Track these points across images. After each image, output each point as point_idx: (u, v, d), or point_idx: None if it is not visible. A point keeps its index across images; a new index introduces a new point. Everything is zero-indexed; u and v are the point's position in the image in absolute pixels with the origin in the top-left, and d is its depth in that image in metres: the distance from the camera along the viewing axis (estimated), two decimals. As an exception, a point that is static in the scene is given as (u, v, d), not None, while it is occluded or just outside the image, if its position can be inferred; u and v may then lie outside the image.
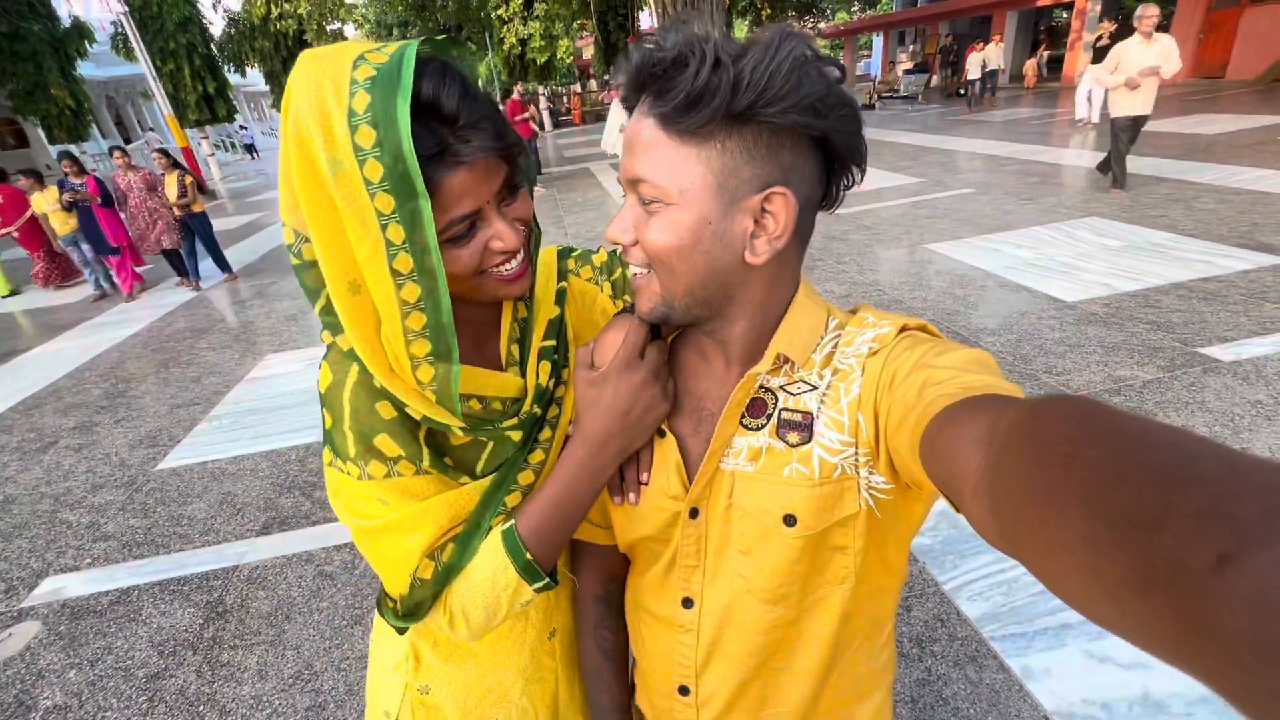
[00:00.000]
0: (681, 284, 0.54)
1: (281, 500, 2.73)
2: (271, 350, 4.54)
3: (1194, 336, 3.17)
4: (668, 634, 0.67)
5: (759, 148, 0.49)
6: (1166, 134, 8.46)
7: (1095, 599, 0.23)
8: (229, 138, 28.25)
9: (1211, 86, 12.48)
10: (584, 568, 0.78)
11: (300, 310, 5.40)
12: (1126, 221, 5.04)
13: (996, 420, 0.35)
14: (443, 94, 0.52)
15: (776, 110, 0.46)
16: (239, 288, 6.57)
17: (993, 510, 0.31)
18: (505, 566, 0.60)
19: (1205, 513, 0.20)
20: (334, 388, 0.60)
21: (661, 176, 0.50)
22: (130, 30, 12.60)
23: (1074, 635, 1.71)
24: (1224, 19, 13.18)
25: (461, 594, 0.61)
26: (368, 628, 2.01)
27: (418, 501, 0.60)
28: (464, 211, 0.55)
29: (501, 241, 0.58)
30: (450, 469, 0.64)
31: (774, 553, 0.58)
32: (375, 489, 0.59)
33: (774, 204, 0.51)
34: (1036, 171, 7.27)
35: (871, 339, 0.54)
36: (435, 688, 0.75)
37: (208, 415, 3.63)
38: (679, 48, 0.47)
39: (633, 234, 0.54)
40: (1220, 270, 3.91)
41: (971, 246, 4.94)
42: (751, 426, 0.58)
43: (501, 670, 0.76)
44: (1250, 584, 0.18)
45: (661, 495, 0.63)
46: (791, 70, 0.46)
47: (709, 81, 0.46)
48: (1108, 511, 0.23)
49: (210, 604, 2.20)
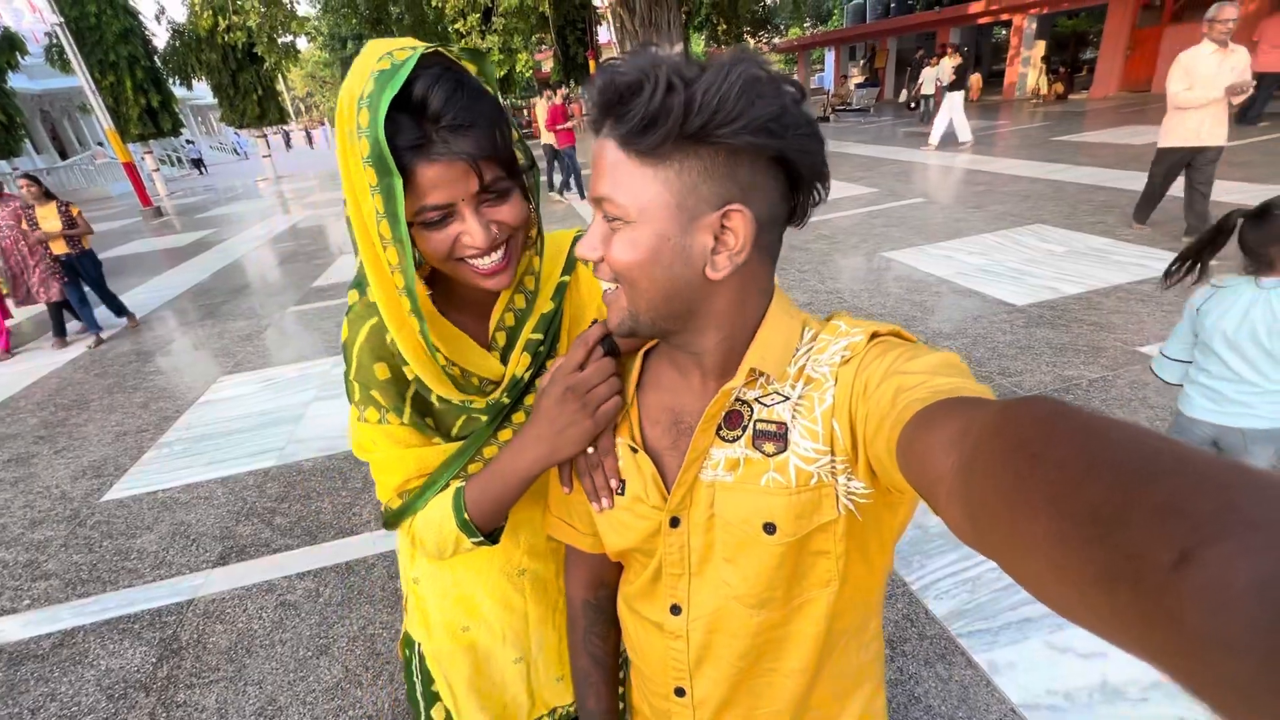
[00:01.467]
0: (645, 298, 0.56)
1: (239, 529, 2.63)
2: (225, 372, 4.37)
3: (1134, 336, 3.35)
4: (659, 639, 0.68)
5: (716, 167, 0.51)
6: (1101, 144, 8.94)
7: (1065, 595, 0.24)
8: (174, 152, 27.25)
9: (1139, 100, 13.26)
10: (573, 575, 0.79)
11: (255, 329, 5.22)
12: (1068, 228, 5.29)
13: (968, 423, 0.36)
14: (431, 94, 0.58)
15: (729, 131, 0.48)
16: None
17: (966, 511, 0.32)
18: (448, 518, 0.71)
19: (1164, 509, 0.20)
20: (349, 342, 0.71)
21: (622, 195, 0.52)
22: (66, 41, 12.07)
23: (1035, 628, 1.77)
24: (1147, 37, 14.04)
25: (420, 526, 0.73)
26: (334, 658, 1.95)
27: (398, 448, 0.72)
28: (436, 202, 0.61)
29: (470, 238, 0.64)
30: (429, 428, 0.74)
31: (756, 559, 0.59)
32: (369, 431, 0.72)
33: (732, 221, 0.52)
34: (982, 181, 7.58)
35: (844, 347, 0.56)
36: (423, 580, 0.89)
37: (156, 442, 3.48)
38: (636, 72, 0.49)
39: (600, 250, 0.56)
40: (1154, 273, 4.13)
41: (926, 254, 5.11)
42: (728, 438, 0.59)
43: (475, 585, 0.87)
44: (1207, 578, 0.18)
45: (641, 506, 0.64)
46: (742, 92, 0.47)
47: (663, 104, 0.48)
48: (1074, 509, 0.23)
49: (164, 641, 2.09)
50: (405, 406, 0.72)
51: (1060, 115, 12.72)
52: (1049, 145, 9.44)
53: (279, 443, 3.30)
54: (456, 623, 0.88)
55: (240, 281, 7.06)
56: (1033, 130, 11.29)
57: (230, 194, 16.99)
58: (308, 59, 34.01)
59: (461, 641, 0.88)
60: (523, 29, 17.76)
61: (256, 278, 7.20)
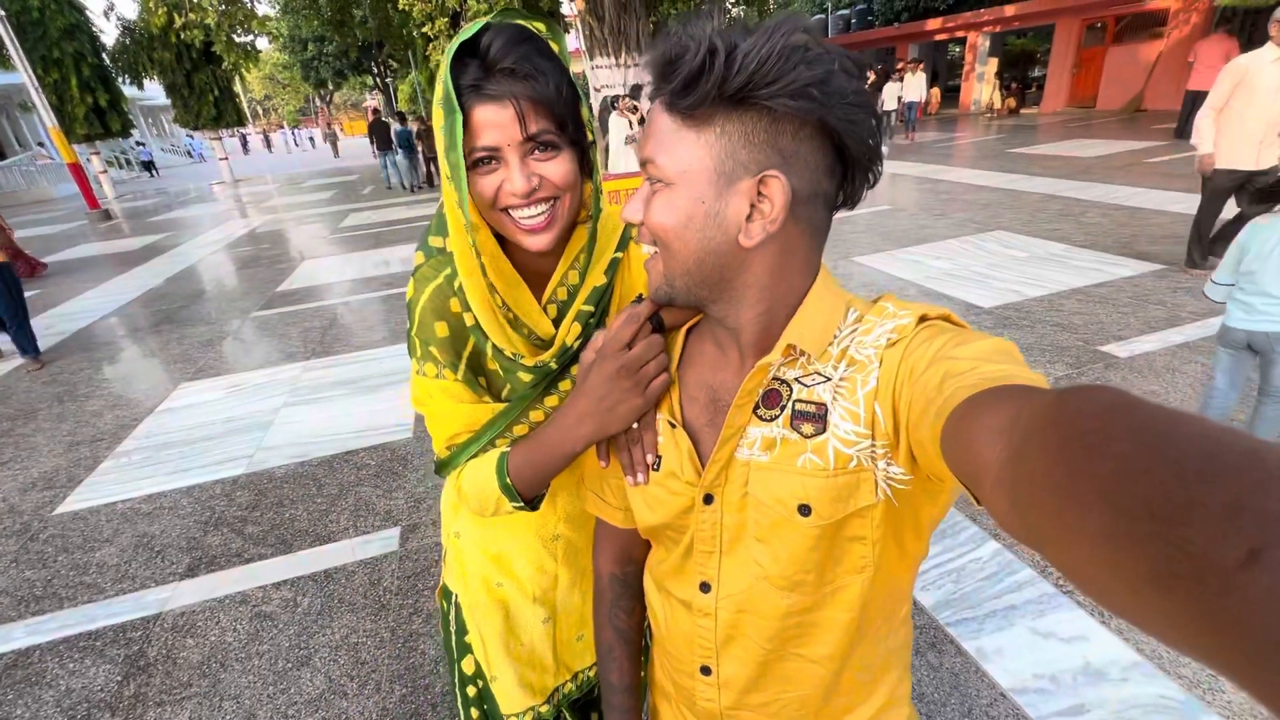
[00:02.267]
0: (679, 262, 0.56)
1: (208, 539, 2.51)
2: (186, 379, 4.20)
3: (1094, 336, 3.50)
4: (687, 616, 0.67)
5: (757, 133, 0.51)
6: (1054, 156, 9.35)
7: (1116, 591, 0.23)
8: (123, 154, 26.13)
9: (1086, 115, 13.94)
10: (602, 548, 0.79)
11: (216, 335, 5.03)
12: (1027, 235, 5.51)
13: (1018, 410, 0.35)
14: (493, 44, 0.64)
15: (768, 93, 0.48)
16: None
17: (1013, 501, 0.31)
18: (491, 479, 0.74)
19: (1232, 507, 0.19)
20: (413, 300, 0.75)
21: (664, 158, 0.53)
22: (7, 36, 11.48)
23: (1020, 615, 1.82)
24: (1092, 56, 14.79)
25: (467, 481, 0.77)
26: (316, 669, 1.88)
27: (450, 401, 0.76)
28: (486, 143, 0.65)
29: (510, 185, 0.67)
30: (481, 387, 0.78)
31: (789, 541, 0.58)
32: (426, 385, 0.76)
33: (769, 188, 0.52)
34: (945, 190, 7.85)
35: (891, 330, 0.55)
36: (463, 535, 0.93)
37: (113, 452, 3.31)
38: (683, 37, 0.50)
39: (640, 213, 0.57)
40: (1109, 277, 4.34)
41: (894, 259, 5.25)
42: (766, 417, 0.59)
43: (511, 544, 0.91)
44: (1277, 580, 0.17)
45: (676, 482, 0.64)
46: (783, 54, 0.47)
47: (703, 65, 0.48)
48: (1130, 505, 0.22)
49: (129, 658, 1.98)
50: (461, 364, 0.76)
51: (1014, 129, 13.27)
52: (1005, 157, 9.84)
53: (247, 450, 3.17)
54: (491, 578, 0.92)
55: (197, 287, 6.80)
56: (989, 142, 11.75)
57: (183, 198, 16.37)
58: (266, 61, 33.02)
59: (495, 595, 0.93)
60: (490, 35, 17.59)
61: (215, 283, 6.94)
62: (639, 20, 12.06)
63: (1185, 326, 3.50)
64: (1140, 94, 13.38)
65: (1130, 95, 13.62)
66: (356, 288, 6.01)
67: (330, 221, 10.25)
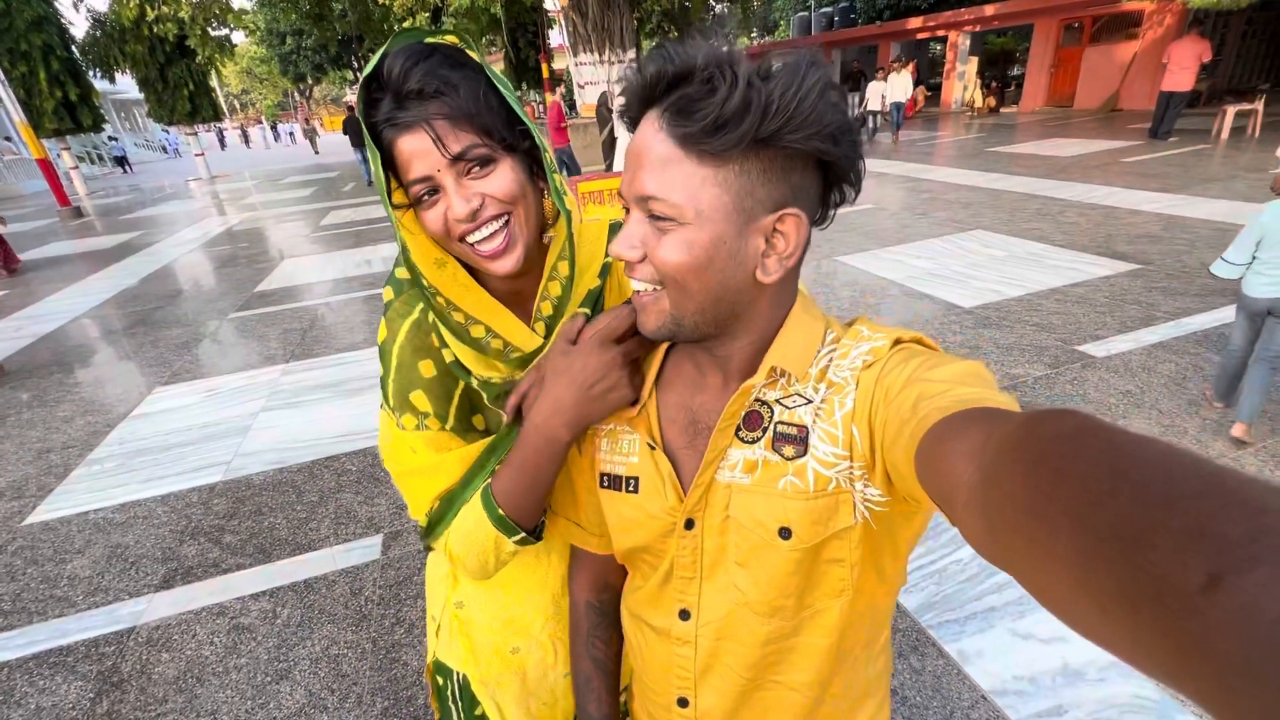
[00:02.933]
0: (694, 302, 0.54)
1: (184, 549, 2.46)
2: (161, 383, 4.11)
3: (1072, 336, 3.55)
4: (665, 646, 0.66)
5: (774, 170, 0.50)
6: (1033, 155, 9.47)
7: (1084, 612, 0.23)
8: (95, 149, 25.49)
9: (1064, 114, 14.13)
10: (578, 576, 0.78)
11: (191, 337, 4.93)
12: (1007, 234, 5.58)
13: (989, 433, 0.35)
14: (393, 69, 0.59)
15: (801, 137, 0.47)
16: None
17: (985, 523, 0.31)
18: (483, 519, 0.67)
19: (1193, 531, 0.20)
20: (386, 343, 0.69)
21: (677, 195, 0.50)
22: (-30, 28, 11.14)
23: (1000, 617, 1.85)
24: (1070, 56, 14.99)
25: (455, 542, 0.69)
26: (296, 682, 1.85)
27: (437, 453, 0.69)
28: (417, 175, 0.62)
29: (451, 212, 0.63)
30: (477, 433, 0.72)
31: (770, 565, 0.58)
32: (407, 438, 0.68)
33: (786, 224, 0.52)
34: (927, 189, 7.92)
35: (866, 352, 0.55)
36: (468, 604, 0.85)
37: (85, 459, 3.23)
38: (707, 67, 0.47)
39: (640, 250, 0.54)
40: (1087, 276, 4.40)
41: (877, 258, 5.29)
42: (748, 439, 0.59)
43: (525, 605, 0.83)
44: (1238, 605, 0.18)
45: (656, 505, 0.63)
46: (818, 98, 0.47)
47: (740, 105, 0.46)
48: (1096, 526, 0.23)
49: (102, 674, 1.93)
50: (450, 409, 0.69)
51: (994, 127, 13.42)
52: (985, 155, 9.94)
53: (224, 456, 3.11)
54: (506, 645, 0.84)
55: (173, 287, 6.65)
56: (970, 141, 11.87)
57: (159, 194, 16.02)
58: (243, 54, 32.34)
59: (511, 664, 0.85)
60: (473, 30, 17.49)
61: (191, 283, 6.80)
62: (622, 16, 12.00)
63: (1160, 326, 3.56)
64: (1116, 93, 13.59)
65: (1107, 95, 13.84)
66: (338, 288, 5.93)
67: (310, 219, 10.09)
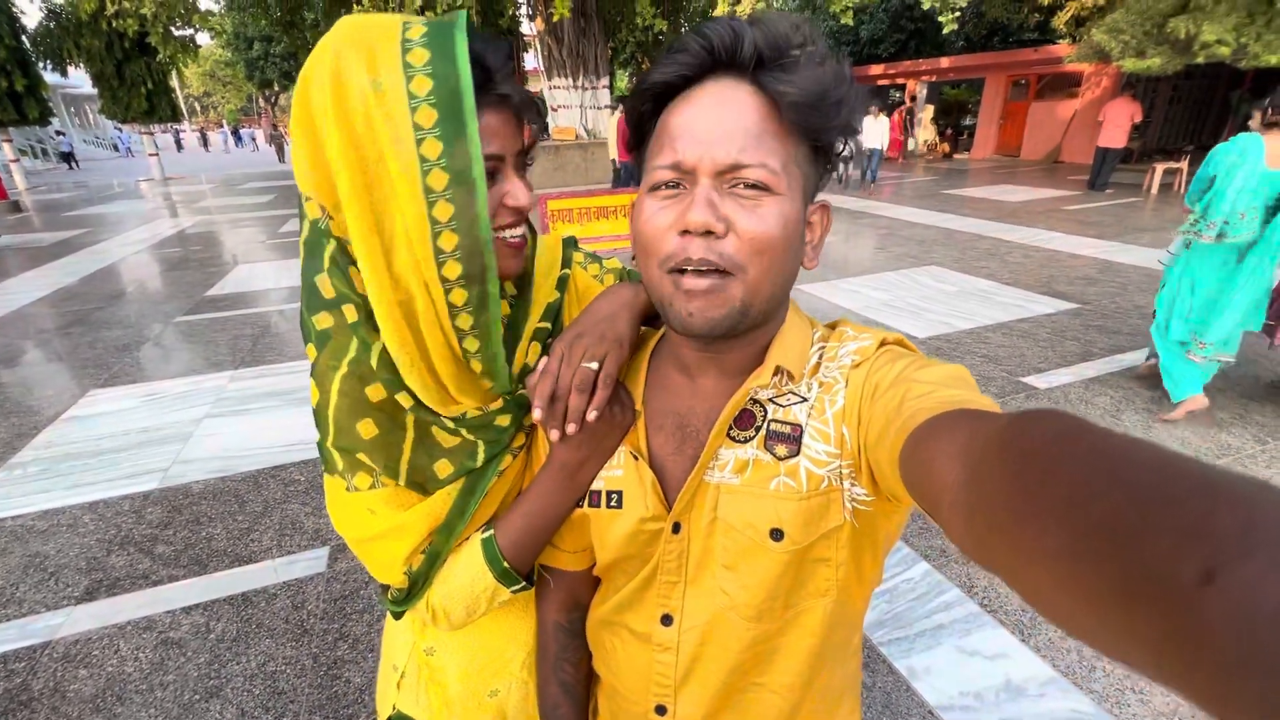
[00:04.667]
0: (772, 283, 0.52)
1: (111, 560, 2.31)
2: (97, 385, 3.89)
3: (1017, 368, 3.72)
4: (644, 652, 0.64)
5: (807, 160, 0.52)
6: (983, 199, 9.99)
7: (1075, 611, 0.23)
8: (39, 143, 24.34)
9: (1011, 163, 14.99)
10: (548, 596, 0.74)
11: (133, 339, 4.70)
12: (958, 270, 5.84)
13: (974, 434, 0.35)
14: (488, 51, 0.56)
15: (840, 130, 0.50)
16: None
17: (969, 522, 0.31)
18: (483, 573, 0.64)
19: (1187, 527, 0.20)
20: (321, 405, 0.59)
21: (775, 162, 0.49)
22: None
23: (947, 634, 1.89)
24: (1017, 109, 15.97)
25: (442, 596, 0.64)
26: (227, 700, 1.74)
27: (402, 511, 0.62)
28: (492, 151, 0.56)
29: (514, 199, 0.60)
30: (436, 482, 0.63)
31: (759, 567, 0.57)
32: (362, 500, 0.61)
33: (817, 214, 0.54)
34: (884, 225, 8.24)
35: (854, 351, 0.56)
36: (440, 649, 0.78)
37: (6, 463, 3.02)
38: (801, 40, 0.49)
39: (725, 224, 0.49)
40: (1030, 313, 4.64)
41: (836, 288, 5.46)
42: (739, 439, 0.57)
43: (504, 642, 0.78)
44: (1235, 597, 0.18)
45: (641, 518, 0.61)
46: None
47: (848, 93, 0.48)
48: (1087, 524, 0.23)
49: (9, 692, 1.78)
50: (401, 464, 0.61)
51: (947, 171, 14.12)
52: (939, 197, 10.43)
53: (162, 463, 2.96)
54: (484, 689, 0.79)
55: (116, 287, 6.35)
56: (925, 183, 12.44)
57: (106, 193, 15.36)
58: (207, 57, 31.55)
59: (489, 709, 0.79)
60: (447, 48, 17.49)
61: (136, 284, 6.51)
62: (597, 45, 12.26)
63: (1096, 361, 3.77)
64: (1059, 146, 14.53)
65: (1050, 147, 14.77)
66: (293, 295, 5.75)
67: (269, 225, 9.82)
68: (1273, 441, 2.88)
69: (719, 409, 0.58)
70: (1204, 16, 8.47)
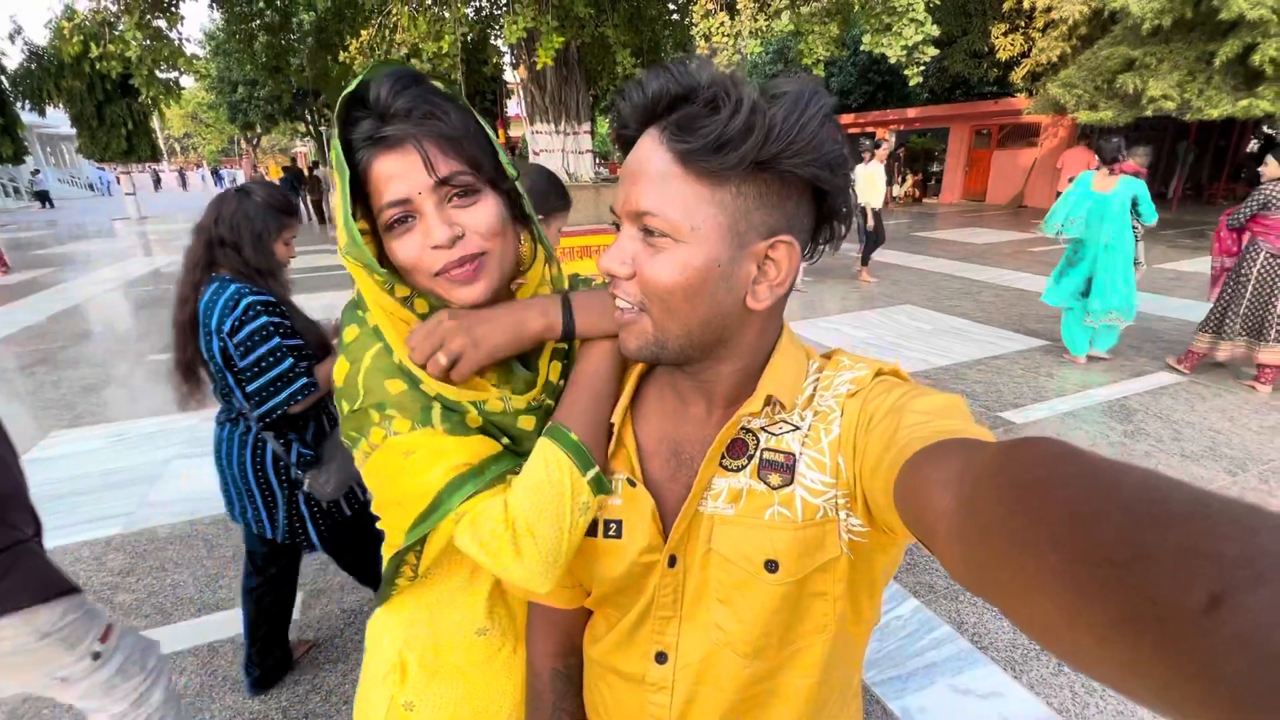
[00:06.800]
0: (680, 324, 0.53)
1: (67, 609, 2.18)
2: (60, 426, 3.75)
3: (994, 403, 3.79)
4: (636, 694, 0.61)
5: (770, 195, 0.50)
6: (952, 241, 10.34)
7: (1076, 641, 0.23)
8: (12, 181, 24.03)
9: (977, 208, 15.60)
10: (539, 641, 0.71)
11: (100, 379, 4.56)
12: (932, 310, 5.99)
13: (968, 462, 0.35)
14: (381, 91, 0.58)
15: (800, 162, 0.47)
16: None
17: (965, 551, 0.31)
18: (556, 456, 0.59)
19: (1187, 551, 0.19)
20: (350, 374, 0.62)
21: (674, 212, 0.49)
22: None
23: (940, 673, 1.86)
24: (981, 157, 16.72)
25: (522, 503, 0.58)
26: (188, 760, 1.63)
27: (446, 440, 0.61)
28: (394, 197, 0.59)
29: (430, 236, 0.60)
30: (470, 430, 0.64)
31: (755, 601, 0.56)
32: (399, 444, 0.60)
33: (778, 252, 0.51)
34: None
35: (850, 380, 0.56)
36: (419, 704, 0.73)
37: (-42, 508, 2.86)
38: (710, 86, 0.47)
39: (630, 267, 0.52)
40: (1004, 350, 4.76)
41: (816, 327, 5.55)
42: (731, 468, 0.57)
43: (490, 694, 0.74)
44: (1245, 624, 0.17)
45: (639, 548, 0.59)
46: (819, 125, 0.47)
47: (743, 126, 0.46)
48: (1085, 550, 0.22)
49: (-54, 758, 1.65)
50: (434, 415, 0.61)
51: (918, 215, 14.62)
52: (911, 239, 10.77)
53: (127, 507, 2.84)
54: None
55: (83, 326, 6.20)
56: (897, 226, 12.85)
57: (78, 232, 15.13)
58: (189, 99, 31.76)
59: None
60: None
61: (104, 323, 6.36)
62: (579, 91, 12.60)
63: (1070, 396, 3.86)
64: (1021, 192, 15.17)
65: (1013, 193, 15.42)
66: (271, 334, 5.66)
67: (246, 264, 9.71)
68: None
69: (712, 437, 0.58)
70: (1149, 74, 9.05)
